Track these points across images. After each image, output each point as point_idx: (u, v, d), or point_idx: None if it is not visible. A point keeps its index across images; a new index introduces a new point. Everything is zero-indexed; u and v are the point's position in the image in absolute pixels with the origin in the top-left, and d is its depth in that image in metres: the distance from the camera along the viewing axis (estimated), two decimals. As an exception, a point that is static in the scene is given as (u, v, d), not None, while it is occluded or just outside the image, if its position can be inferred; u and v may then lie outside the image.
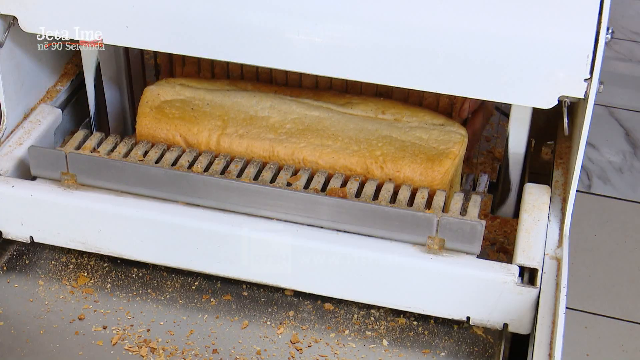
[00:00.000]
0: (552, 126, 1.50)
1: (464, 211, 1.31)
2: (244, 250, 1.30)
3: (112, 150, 1.39)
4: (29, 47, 1.47)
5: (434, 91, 1.26)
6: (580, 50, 1.17)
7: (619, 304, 1.96)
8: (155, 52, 1.65)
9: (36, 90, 1.52)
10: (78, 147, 1.40)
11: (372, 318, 1.31)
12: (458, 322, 1.30)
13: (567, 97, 1.21)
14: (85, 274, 1.36)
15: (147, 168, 1.33)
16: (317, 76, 1.48)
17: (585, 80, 1.18)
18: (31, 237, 1.39)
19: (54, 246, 1.40)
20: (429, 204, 1.31)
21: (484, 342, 1.28)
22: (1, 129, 1.44)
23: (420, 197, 1.31)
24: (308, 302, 1.33)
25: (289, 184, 1.34)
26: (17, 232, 1.39)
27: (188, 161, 1.37)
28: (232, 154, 1.39)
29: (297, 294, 1.34)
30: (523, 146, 1.40)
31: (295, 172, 1.36)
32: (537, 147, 1.49)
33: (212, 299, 1.33)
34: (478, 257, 1.26)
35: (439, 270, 1.25)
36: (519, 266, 1.24)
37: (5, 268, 1.37)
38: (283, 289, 1.35)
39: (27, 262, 1.38)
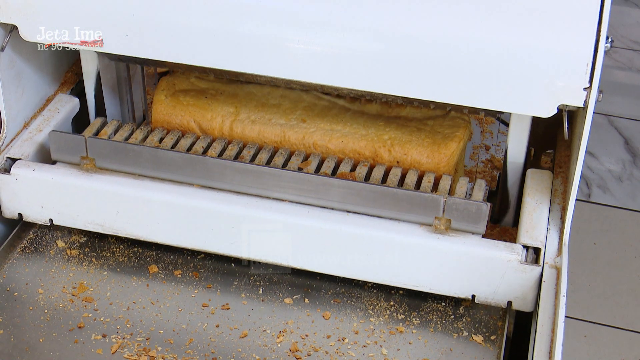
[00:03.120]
0: (552, 135, 1.50)
1: (469, 195, 1.35)
2: (257, 231, 1.34)
3: (129, 137, 1.44)
4: (30, 56, 1.48)
5: (433, 100, 1.26)
6: (579, 59, 1.18)
7: (619, 312, 1.96)
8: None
9: (36, 99, 1.53)
10: (96, 134, 1.44)
11: (372, 327, 1.31)
12: (458, 331, 1.30)
13: (567, 105, 1.21)
14: (85, 282, 1.36)
15: (164, 152, 1.37)
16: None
17: (585, 89, 1.19)
18: (51, 220, 1.42)
19: (54, 253, 1.41)
20: (435, 188, 1.36)
21: (483, 350, 1.27)
22: (1, 138, 1.45)
23: (427, 181, 1.36)
24: (307, 310, 1.33)
25: (300, 169, 1.37)
26: (37, 214, 1.42)
27: (202, 147, 1.42)
28: (245, 139, 1.44)
29: (297, 302, 1.34)
30: (522, 155, 1.40)
31: (306, 158, 1.41)
32: (537, 155, 1.50)
33: (211, 308, 1.33)
34: (483, 237, 1.30)
35: (445, 250, 1.29)
36: (522, 246, 1.28)
37: (5, 276, 1.37)
38: (283, 297, 1.35)
39: (27, 269, 1.38)
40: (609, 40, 1.19)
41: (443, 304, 1.34)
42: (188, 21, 1.29)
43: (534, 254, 1.28)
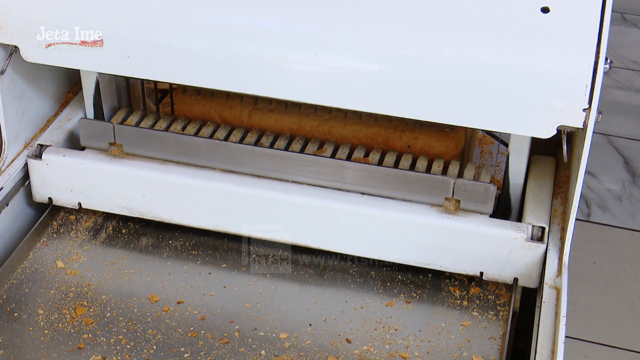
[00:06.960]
0: (551, 155, 1.50)
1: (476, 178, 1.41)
2: (277, 213, 1.40)
3: (153, 125, 1.50)
4: (30, 77, 1.48)
5: (433, 121, 1.27)
6: (578, 80, 1.18)
7: (619, 332, 1.96)
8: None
9: (37, 120, 1.53)
10: (121, 123, 1.49)
11: (372, 349, 1.30)
12: (458, 352, 1.30)
13: (566, 126, 1.21)
14: (85, 303, 1.36)
15: (188, 138, 1.44)
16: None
17: (584, 110, 1.19)
18: (79, 204, 1.48)
19: (54, 274, 1.41)
20: (444, 172, 1.41)
21: (483, 371, 1.28)
22: (2, 159, 1.45)
23: (437, 166, 1.41)
24: (308, 337, 1.33)
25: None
26: (67, 198, 1.48)
27: (223, 135, 1.48)
28: (263, 126, 1.50)
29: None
30: (522, 175, 1.41)
31: (321, 146, 1.47)
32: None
33: (212, 331, 1.33)
34: (490, 216, 1.36)
35: (455, 229, 1.34)
36: (527, 224, 1.33)
37: (5, 297, 1.37)
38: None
39: (27, 290, 1.38)
40: (608, 61, 1.19)
41: (443, 324, 1.34)
42: (188, 43, 1.30)
43: (539, 233, 1.33)
